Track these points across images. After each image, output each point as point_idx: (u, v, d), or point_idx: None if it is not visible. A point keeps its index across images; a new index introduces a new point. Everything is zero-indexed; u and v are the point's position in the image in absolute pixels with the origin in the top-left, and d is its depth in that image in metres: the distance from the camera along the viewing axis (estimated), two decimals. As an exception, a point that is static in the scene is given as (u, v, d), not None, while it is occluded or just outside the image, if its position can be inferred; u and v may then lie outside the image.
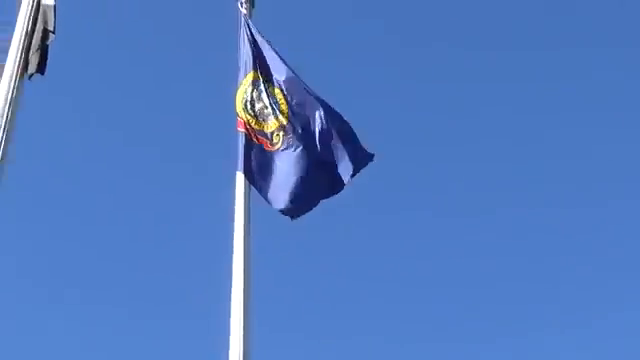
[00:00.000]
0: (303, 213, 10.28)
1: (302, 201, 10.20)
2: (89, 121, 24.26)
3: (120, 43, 25.04)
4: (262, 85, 10.63)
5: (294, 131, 10.37)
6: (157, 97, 25.02)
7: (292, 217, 10.19)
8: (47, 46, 9.43)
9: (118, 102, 24.70)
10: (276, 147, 10.39)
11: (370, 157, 10.37)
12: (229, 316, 9.28)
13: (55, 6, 9.49)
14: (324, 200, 10.23)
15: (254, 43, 10.78)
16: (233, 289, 9.42)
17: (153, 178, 24.65)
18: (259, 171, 10.26)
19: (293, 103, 10.49)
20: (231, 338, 9.06)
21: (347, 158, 10.19)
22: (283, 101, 10.59)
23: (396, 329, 23.41)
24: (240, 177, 10.14)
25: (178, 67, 25.56)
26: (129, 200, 24.21)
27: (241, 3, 11.17)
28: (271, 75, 10.67)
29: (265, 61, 10.72)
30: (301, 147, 10.28)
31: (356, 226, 24.87)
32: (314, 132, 10.32)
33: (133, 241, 24.04)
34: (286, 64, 10.61)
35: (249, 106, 10.55)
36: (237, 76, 10.79)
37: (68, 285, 23.19)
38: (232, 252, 9.73)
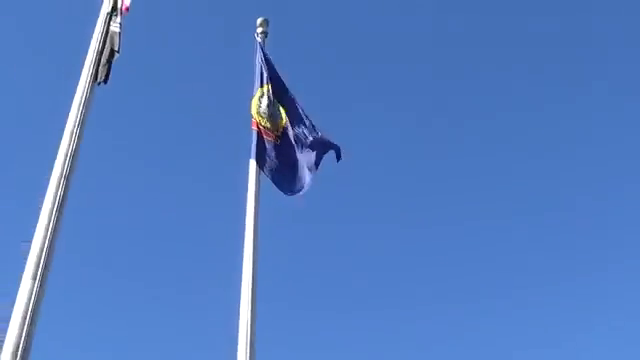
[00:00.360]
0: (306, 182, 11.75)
1: (303, 180, 11.82)
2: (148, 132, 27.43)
3: (163, 62, 28.63)
4: (271, 96, 12.45)
5: (293, 131, 12.17)
6: (187, 105, 28.80)
7: (295, 194, 11.76)
8: (111, 62, 10.87)
9: (158, 113, 28.32)
10: (280, 142, 12.20)
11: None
12: (240, 287, 10.45)
13: (120, 32, 10.93)
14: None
15: (266, 64, 12.64)
16: (244, 267, 10.60)
17: (177, 170, 28.15)
18: (268, 160, 11.96)
19: (291, 110, 12.32)
20: (241, 312, 10.15)
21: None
22: (284, 109, 12.37)
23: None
24: (252, 164, 11.80)
25: (207, 82, 29.24)
26: (153, 188, 27.48)
27: (257, 34, 13.10)
28: (277, 89, 12.48)
29: (274, 79, 12.58)
30: (300, 143, 12.11)
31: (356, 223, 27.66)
32: (307, 132, 12.16)
33: (154, 223, 26.76)
34: (286, 83, 12.45)
35: (261, 110, 12.29)
36: (253, 88, 12.64)
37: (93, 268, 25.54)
38: (244, 232, 10.99)
